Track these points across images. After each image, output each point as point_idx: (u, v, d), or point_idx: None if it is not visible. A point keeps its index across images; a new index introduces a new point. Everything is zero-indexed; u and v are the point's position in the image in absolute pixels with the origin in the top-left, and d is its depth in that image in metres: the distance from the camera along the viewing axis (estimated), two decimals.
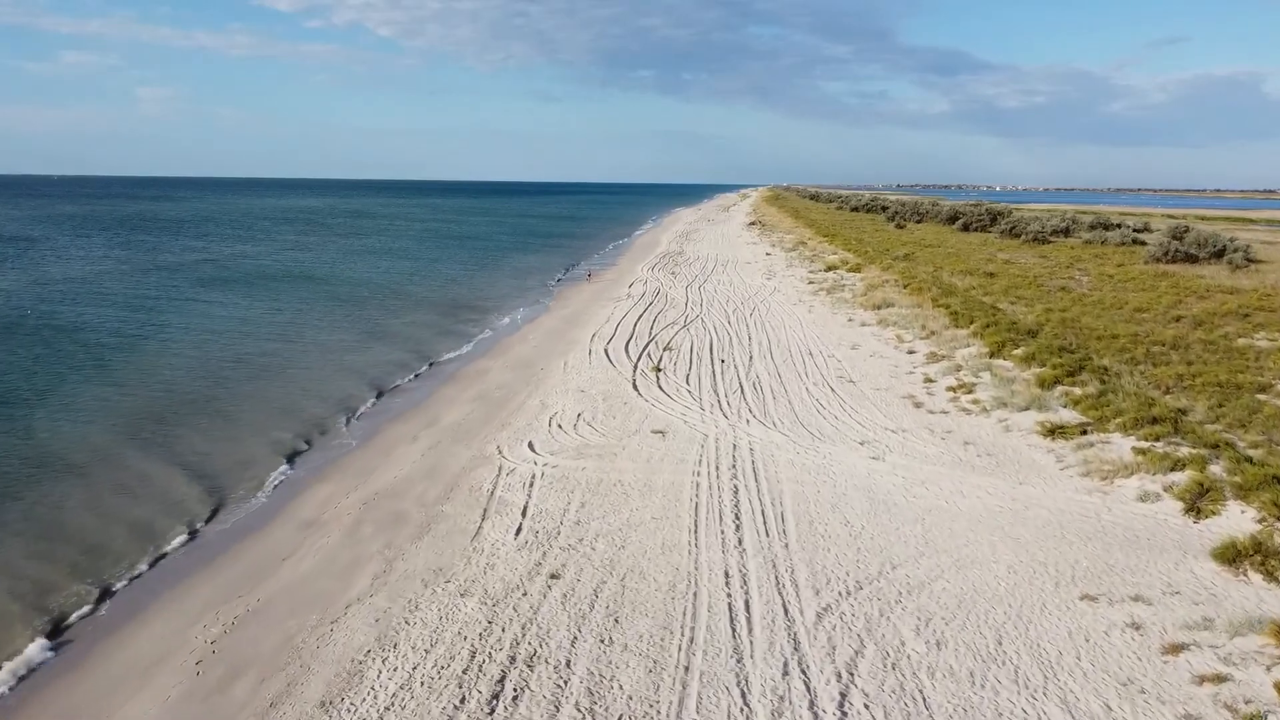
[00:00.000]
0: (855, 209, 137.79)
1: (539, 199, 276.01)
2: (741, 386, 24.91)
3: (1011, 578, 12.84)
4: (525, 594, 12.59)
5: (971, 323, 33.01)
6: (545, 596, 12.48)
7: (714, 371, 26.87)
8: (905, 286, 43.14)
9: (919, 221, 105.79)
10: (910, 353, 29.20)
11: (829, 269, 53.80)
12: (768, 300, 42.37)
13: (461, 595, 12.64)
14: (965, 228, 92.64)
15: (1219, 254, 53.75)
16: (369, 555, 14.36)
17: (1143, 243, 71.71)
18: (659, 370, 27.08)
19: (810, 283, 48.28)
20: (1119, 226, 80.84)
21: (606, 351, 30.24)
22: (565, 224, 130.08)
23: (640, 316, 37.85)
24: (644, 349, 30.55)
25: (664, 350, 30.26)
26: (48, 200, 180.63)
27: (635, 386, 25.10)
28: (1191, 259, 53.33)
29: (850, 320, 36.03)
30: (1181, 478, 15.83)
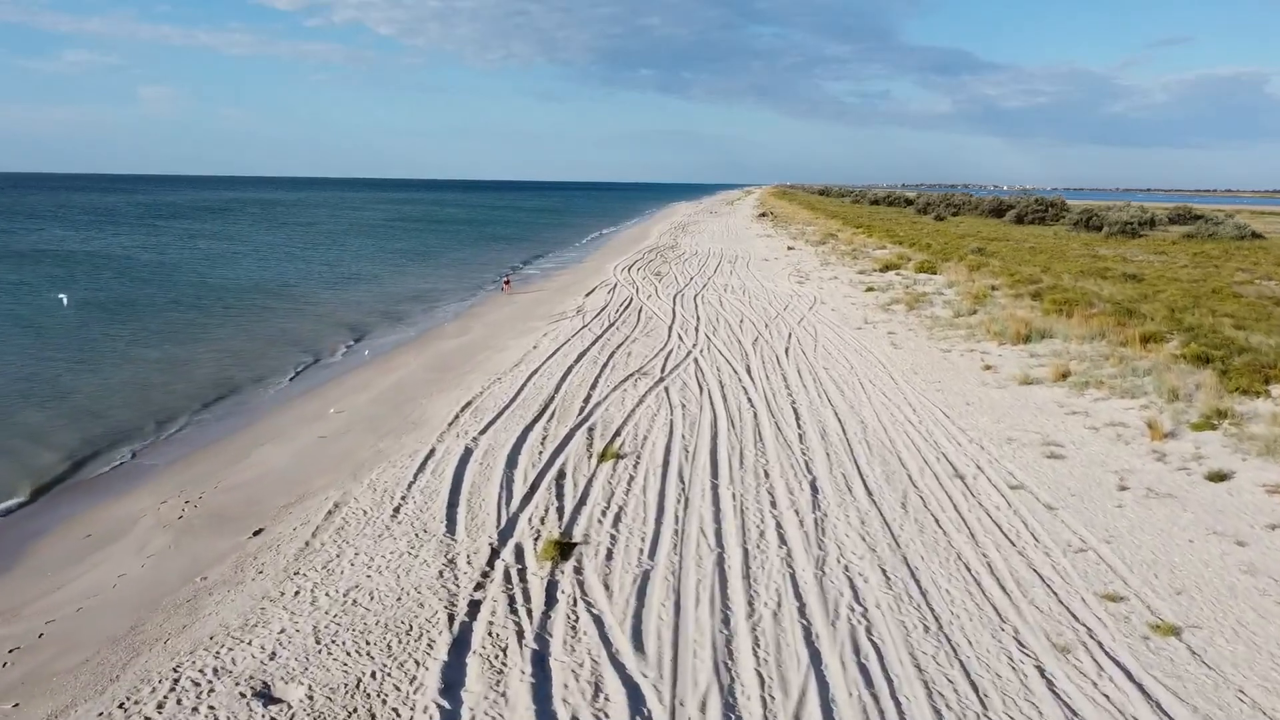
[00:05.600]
0: (875, 202, 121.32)
1: (533, 194, 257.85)
2: (828, 691, 7.32)
3: None
4: None
5: (1267, 383, 15.49)
6: None
7: (723, 564, 9.24)
8: (1039, 299, 25.51)
9: (955, 214, 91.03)
10: (1220, 478, 11.60)
11: (886, 268, 36.26)
12: (808, 319, 24.73)
13: None
14: (1019, 220, 78.72)
15: None
16: None
17: (1259, 235, 60.02)
18: (568, 550, 9.46)
19: (869, 289, 30.53)
20: (1203, 219, 68.34)
21: (468, 459, 12.67)
22: (546, 216, 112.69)
23: (583, 356, 20.28)
24: (558, 451, 12.95)
25: (599, 458, 12.63)
26: None
27: (470, 656, 7.51)
28: None
29: (988, 367, 18.36)
30: None
